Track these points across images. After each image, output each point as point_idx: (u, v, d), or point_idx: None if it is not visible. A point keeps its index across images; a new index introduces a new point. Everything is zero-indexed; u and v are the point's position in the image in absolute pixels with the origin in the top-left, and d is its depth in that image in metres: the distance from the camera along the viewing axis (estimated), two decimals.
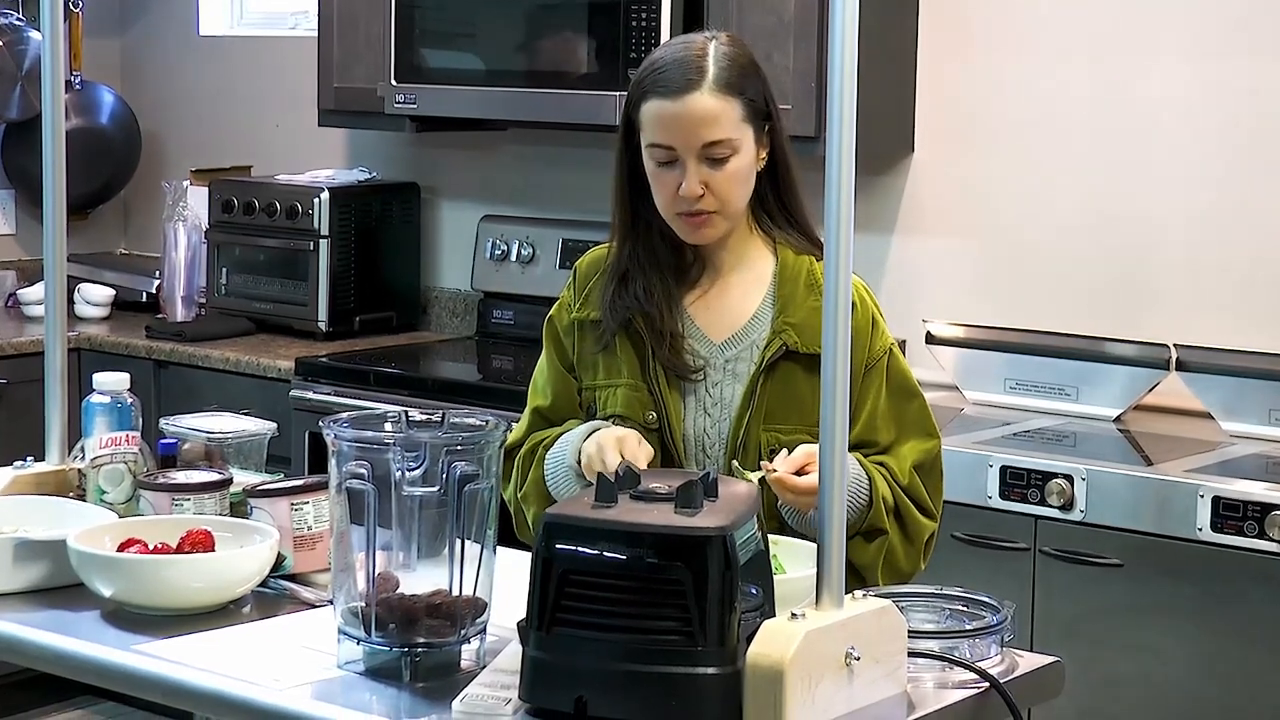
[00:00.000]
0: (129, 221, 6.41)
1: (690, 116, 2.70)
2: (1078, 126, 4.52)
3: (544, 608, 2.10)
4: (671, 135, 2.71)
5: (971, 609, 2.43)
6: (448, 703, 2.17)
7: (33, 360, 4.54)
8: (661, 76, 2.72)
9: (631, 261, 2.82)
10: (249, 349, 5.22)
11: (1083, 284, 4.53)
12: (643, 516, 2.11)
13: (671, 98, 2.71)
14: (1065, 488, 3.83)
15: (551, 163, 5.32)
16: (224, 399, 4.71)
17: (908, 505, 2.75)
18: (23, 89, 5.86)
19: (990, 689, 2.29)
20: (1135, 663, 3.78)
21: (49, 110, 3.01)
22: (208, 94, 6.13)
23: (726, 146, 2.71)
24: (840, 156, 2.16)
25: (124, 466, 2.81)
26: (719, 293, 2.84)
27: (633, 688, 2.06)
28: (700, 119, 2.70)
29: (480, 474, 2.29)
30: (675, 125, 2.71)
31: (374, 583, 2.27)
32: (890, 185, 4.78)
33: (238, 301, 5.53)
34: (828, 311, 2.18)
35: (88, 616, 2.52)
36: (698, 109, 2.70)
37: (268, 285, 5.48)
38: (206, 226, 5.60)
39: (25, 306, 5.80)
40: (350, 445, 2.31)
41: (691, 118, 2.70)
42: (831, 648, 2.12)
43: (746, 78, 2.75)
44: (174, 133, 6.23)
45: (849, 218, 2.17)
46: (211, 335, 5.36)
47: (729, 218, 2.76)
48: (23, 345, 5.38)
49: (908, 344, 4.73)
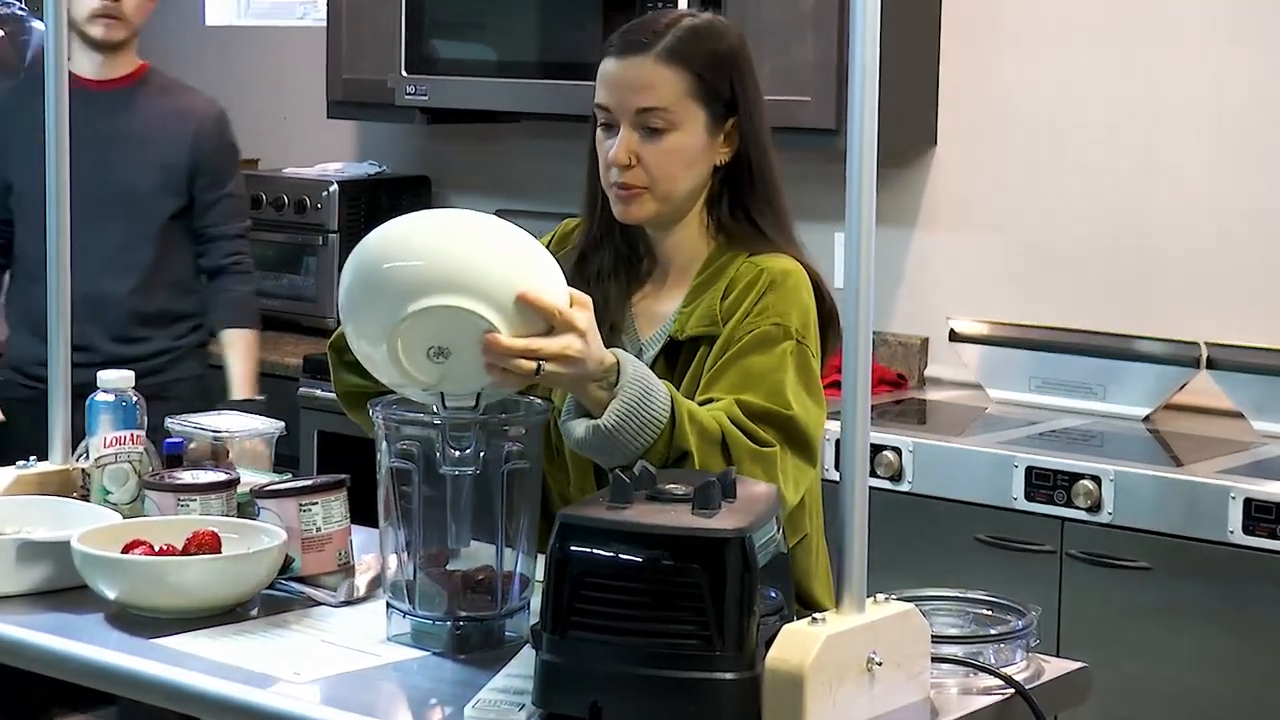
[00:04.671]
0: None
1: (628, 77, 2.65)
2: (1104, 118, 4.52)
3: (558, 611, 2.10)
4: (608, 95, 2.67)
5: (996, 613, 2.43)
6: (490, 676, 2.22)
7: None
8: (620, 36, 2.69)
9: (589, 243, 2.79)
10: None
11: (1110, 279, 4.52)
12: (659, 518, 2.11)
13: (618, 56, 2.67)
14: (1092, 489, 3.83)
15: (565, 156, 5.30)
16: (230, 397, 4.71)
17: (727, 424, 2.52)
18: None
19: (1015, 695, 2.28)
20: (1164, 669, 3.77)
21: (52, 103, 3.02)
22: (213, 86, 6.12)
23: (661, 117, 2.64)
24: (861, 150, 2.16)
25: (129, 466, 2.82)
26: (660, 292, 2.77)
27: (648, 693, 2.06)
28: (637, 81, 2.64)
29: (524, 452, 2.38)
30: (613, 85, 2.67)
31: (420, 558, 2.37)
32: (912, 179, 4.78)
33: None
34: (848, 311, 2.17)
35: (92, 619, 2.51)
36: (636, 71, 2.65)
37: (275, 281, 5.48)
38: None
39: None
40: (399, 427, 2.38)
41: (628, 79, 2.65)
42: (853, 652, 2.12)
43: (711, 60, 2.66)
44: None
45: (870, 212, 2.17)
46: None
47: (660, 199, 2.68)
48: None
49: (930, 342, 4.73)
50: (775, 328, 2.61)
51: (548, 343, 2.35)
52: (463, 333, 2.32)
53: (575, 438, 2.46)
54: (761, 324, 2.61)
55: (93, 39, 4.40)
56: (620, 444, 2.41)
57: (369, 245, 2.41)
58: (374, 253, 2.39)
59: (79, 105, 4.08)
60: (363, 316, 2.38)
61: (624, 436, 2.41)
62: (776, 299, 2.63)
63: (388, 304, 2.33)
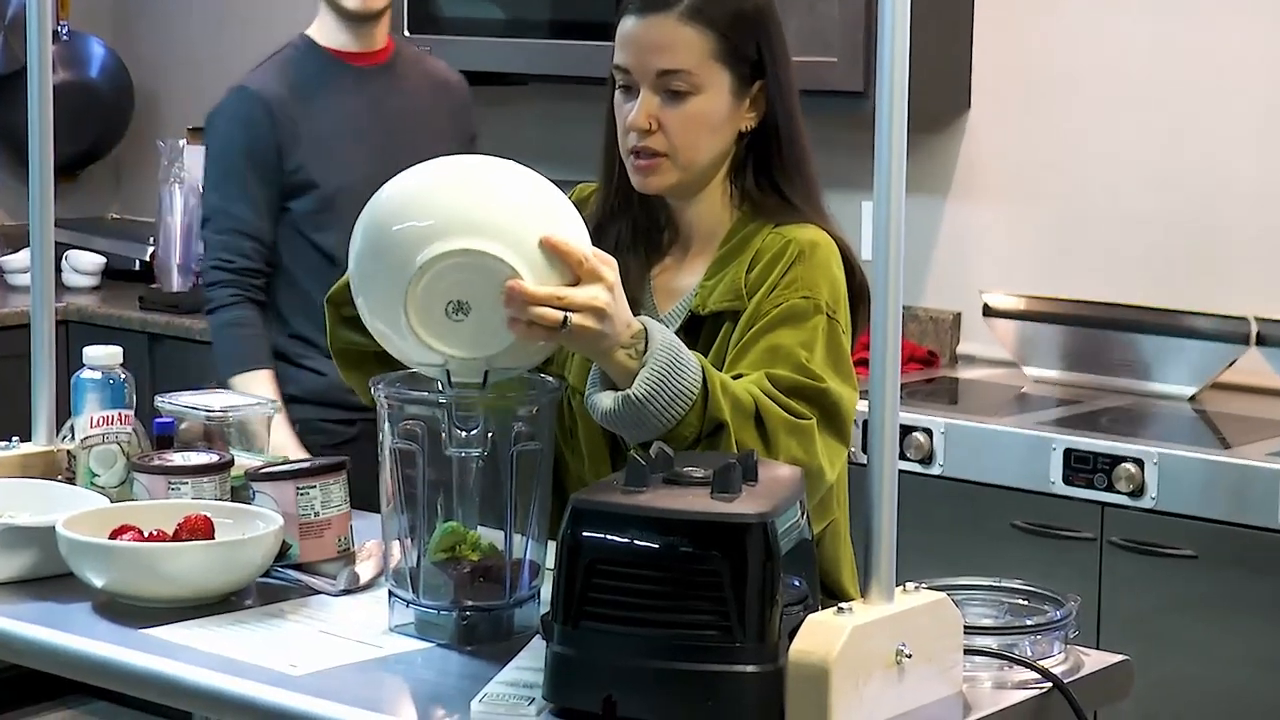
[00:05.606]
0: (121, 184, 6.44)
1: (648, 38, 2.64)
2: (1147, 82, 4.51)
3: (570, 600, 2.10)
4: (628, 56, 2.66)
5: (1033, 603, 2.44)
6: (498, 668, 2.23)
7: (18, 333, 4.54)
8: None
9: (606, 212, 2.78)
10: None
11: (1154, 251, 4.52)
12: (677, 502, 2.12)
13: (638, 15, 2.66)
14: (1135, 473, 3.83)
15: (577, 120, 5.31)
16: None
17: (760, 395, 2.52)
18: (5, 40, 5.88)
19: (1053, 690, 2.29)
20: (1210, 663, 3.78)
21: (35, 63, 3.02)
22: (206, 45, 6.14)
23: (683, 80, 2.64)
24: (890, 114, 2.16)
25: (116, 447, 2.82)
26: (680, 266, 2.76)
27: (665, 687, 2.07)
28: (658, 42, 2.64)
29: (535, 434, 2.38)
30: (634, 45, 2.66)
31: (424, 545, 2.37)
32: (944, 145, 4.78)
33: None
34: (877, 285, 2.18)
35: (78, 609, 2.52)
36: (657, 30, 2.64)
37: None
38: None
39: (9, 275, 5.83)
40: (403, 406, 2.39)
41: (649, 39, 2.64)
42: (880, 644, 2.13)
43: (738, 19, 2.66)
44: (169, 87, 6.25)
45: (900, 180, 2.17)
46: None
47: (681, 167, 2.67)
48: (7, 317, 5.41)
49: (963, 317, 4.73)
50: (805, 301, 2.61)
51: (575, 292, 2.34)
52: (483, 284, 2.30)
53: (602, 410, 2.44)
54: (790, 297, 2.61)
55: (349, 10, 4.12)
56: (651, 415, 2.40)
57: (377, 207, 2.39)
58: (382, 214, 2.37)
59: (350, 82, 4.05)
60: (375, 287, 2.37)
61: (655, 407, 2.40)
62: (805, 271, 2.63)
63: (401, 265, 2.31)
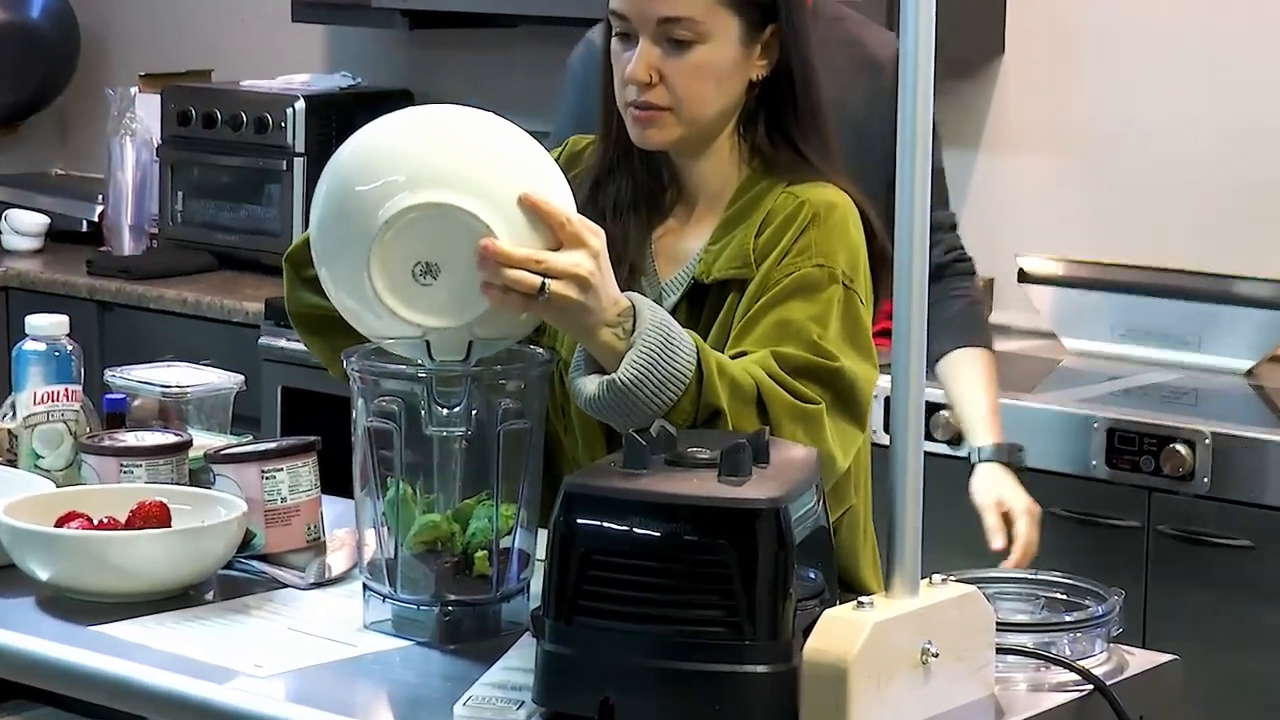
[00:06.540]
0: (66, 136, 6.43)
1: None
2: (1199, 24, 4.51)
3: (563, 594, 2.11)
4: (625, 1, 2.64)
5: (1072, 597, 2.44)
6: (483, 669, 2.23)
7: None
8: None
9: (604, 168, 2.77)
10: (210, 288, 5.25)
11: (1206, 211, 4.52)
12: (680, 485, 2.12)
13: None
14: (1185, 454, 3.83)
15: None
16: (181, 347, 4.73)
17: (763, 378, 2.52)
18: None
19: (1094, 692, 2.29)
20: (1266, 661, 3.79)
21: None
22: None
23: (688, 28, 2.62)
24: (917, 60, 2.16)
25: (63, 426, 2.83)
26: (684, 228, 2.76)
27: (667, 688, 2.07)
28: None
29: (523, 411, 2.38)
30: None
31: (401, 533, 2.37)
32: (976, 93, 4.78)
33: (197, 231, 5.55)
34: (900, 249, 2.18)
35: (21, 604, 2.53)
36: None
37: (232, 212, 5.50)
38: (159, 142, 5.62)
39: None
40: (378, 381, 2.38)
41: None
42: (904, 642, 2.13)
43: None
44: (119, 30, 6.25)
45: (927, 133, 2.17)
46: (165, 272, 5.39)
47: (685, 122, 2.66)
48: None
49: (996, 283, 4.73)
50: (818, 270, 2.60)
51: (555, 257, 2.34)
52: (454, 243, 2.30)
53: (586, 396, 2.44)
54: (802, 265, 2.61)
55: None
56: (638, 402, 2.40)
57: (339, 165, 2.39)
58: (345, 173, 2.37)
59: None
60: (339, 252, 2.37)
61: (643, 393, 2.40)
62: (820, 236, 2.63)
63: (366, 225, 2.30)
